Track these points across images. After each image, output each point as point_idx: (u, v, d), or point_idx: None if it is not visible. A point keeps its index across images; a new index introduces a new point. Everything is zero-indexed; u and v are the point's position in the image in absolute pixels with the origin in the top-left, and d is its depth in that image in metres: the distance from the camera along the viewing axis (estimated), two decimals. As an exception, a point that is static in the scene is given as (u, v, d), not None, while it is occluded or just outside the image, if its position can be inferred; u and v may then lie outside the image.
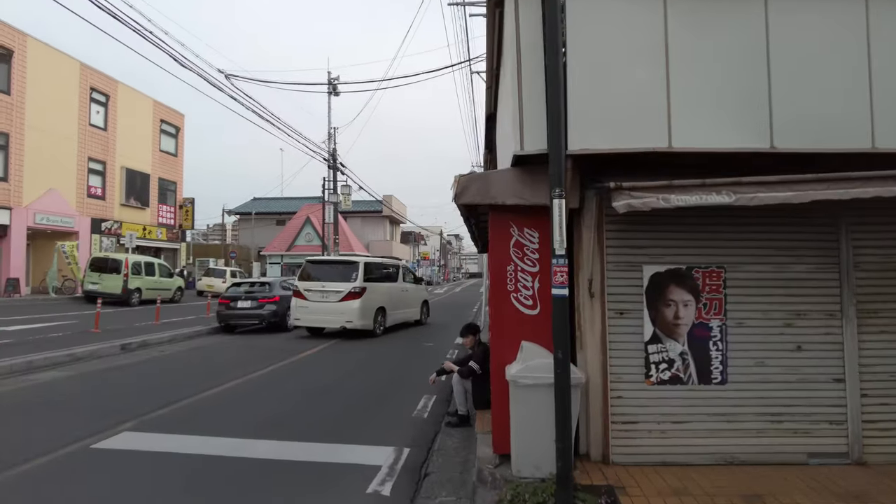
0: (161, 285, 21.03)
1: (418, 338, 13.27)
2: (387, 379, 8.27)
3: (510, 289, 4.33)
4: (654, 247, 4.35)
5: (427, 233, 66.40)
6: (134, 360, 9.62)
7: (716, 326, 4.33)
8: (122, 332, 12.37)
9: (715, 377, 4.30)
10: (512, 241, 4.35)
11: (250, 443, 5.02)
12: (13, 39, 20.59)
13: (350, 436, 5.33)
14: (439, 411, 6.39)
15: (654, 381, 4.30)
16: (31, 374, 8.27)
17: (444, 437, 5.38)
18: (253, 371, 8.61)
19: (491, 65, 5.75)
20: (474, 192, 4.10)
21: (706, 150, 3.89)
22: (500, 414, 4.31)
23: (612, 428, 4.26)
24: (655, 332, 4.32)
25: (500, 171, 4.14)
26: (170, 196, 29.76)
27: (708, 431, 4.26)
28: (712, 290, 4.35)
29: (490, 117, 7.64)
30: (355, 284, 12.64)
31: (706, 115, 3.92)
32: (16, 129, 20.59)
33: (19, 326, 12.67)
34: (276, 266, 36.27)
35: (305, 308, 12.91)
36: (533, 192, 4.09)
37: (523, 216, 4.32)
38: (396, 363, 9.77)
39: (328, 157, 25.62)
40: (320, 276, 13.21)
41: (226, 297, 14.26)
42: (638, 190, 3.86)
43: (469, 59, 16.21)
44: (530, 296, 4.33)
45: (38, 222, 21.27)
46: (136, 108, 27.19)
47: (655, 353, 4.31)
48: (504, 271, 4.35)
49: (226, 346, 11.80)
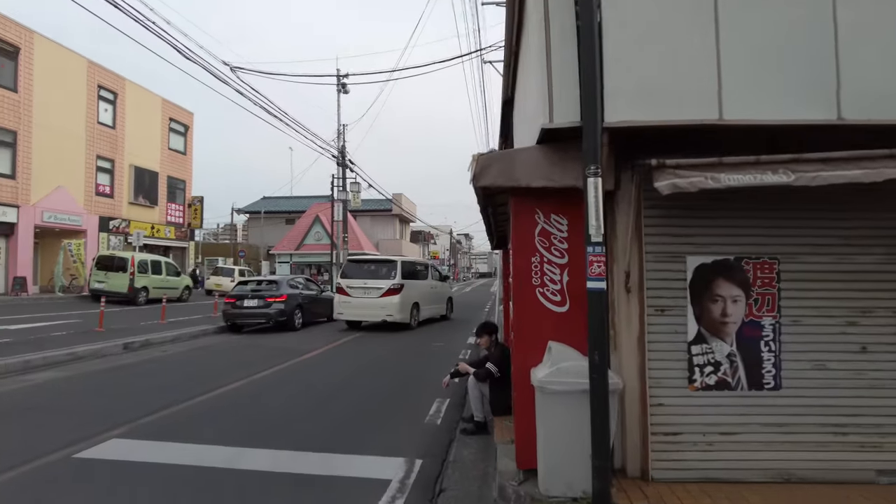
0: (168, 284, 20.76)
1: (427, 337, 12.82)
2: (395, 381, 7.82)
3: (535, 283, 3.86)
4: (698, 235, 3.86)
5: (437, 232, 65.97)
6: (135, 360, 9.26)
7: (768, 325, 3.82)
8: (126, 331, 12.04)
9: (767, 382, 3.80)
10: (537, 230, 3.88)
11: (248, 452, 4.59)
12: (20, 36, 20.41)
13: (357, 444, 4.88)
14: (453, 416, 5.92)
15: (698, 386, 3.80)
16: (27, 374, 7.93)
17: (460, 447, 4.92)
18: (257, 372, 8.20)
19: (510, 40, 5.27)
20: (495, 174, 3.63)
21: (762, 122, 3.39)
22: (524, 423, 3.84)
23: (651, 440, 3.77)
24: (700, 331, 3.82)
25: (525, 150, 3.67)
26: (179, 195, 29.55)
27: (761, 444, 3.76)
28: (764, 283, 3.84)
29: (507, 102, 7.16)
30: (394, 282, 13.71)
31: (761, 82, 3.42)
32: (23, 127, 20.41)
33: (22, 325, 12.39)
34: (285, 265, 35.97)
35: (348, 303, 13.94)
36: (562, 172, 3.61)
37: (550, 201, 3.84)
38: (405, 364, 9.32)
39: (337, 154, 25.27)
40: (361, 275, 14.14)
41: (232, 296, 13.89)
42: (683, 168, 3.37)
43: (480, 49, 15.56)
44: (558, 290, 3.85)
45: (45, 220, 21.09)
46: (145, 106, 26.99)
47: (700, 354, 3.81)
48: (528, 264, 3.88)
49: (231, 345, 11.42)
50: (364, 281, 13.87)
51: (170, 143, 28.79)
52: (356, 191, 26.12)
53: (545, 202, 3.85)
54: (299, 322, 14.17)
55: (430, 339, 12.63)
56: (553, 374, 3.43)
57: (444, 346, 11.39)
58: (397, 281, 13.77)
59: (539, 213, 3.87)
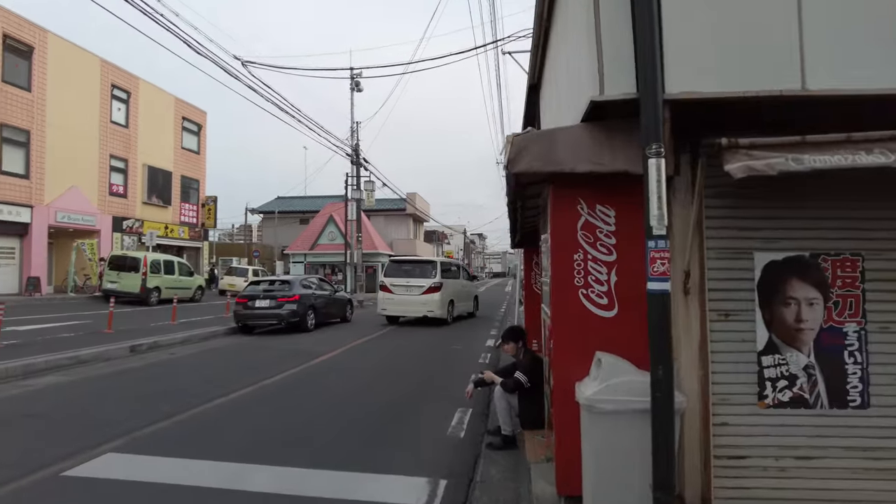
0: (181, 284, 20.53)
1: (443, 339, 12.34)
2: (413, 387, 7.35)
3: (578, 283, 3.35)
4: (767, 228, 3.33)
5: (451, 231, 65.49)
6: (142, 364, 8.90)
7: (852, 332, 3.28)
8: (136, 332, 11.72)
9: (853, 399, 3.25)
10: (580, 222, 3.37)
11: (252, 470, 4.15)
12: (34, 35, 20.32)
13: (373, 461, 4.42)
14: (477, 429, 5.44)
15: (769, 402, 3.27)
16: (28, 378, 7.59)
17: (487, 464, 4.43)
18: (267, 376, 7.79)
19: (541, 14, 4.76)
20: (533, 157, 3.13)
21: (857, 91, 2.85)
22: (566, 444, 3.34)
23: (714, 464, 3.25)
24: (771, 338, 3.29)
25: (567, 129, 3.17)
26: (192, 194, 29.40)
27: (843, 470, 3.22)
28: (846, 284, 3.30)
29: (532, 88, 6.64)
30: (435, 280, 14.86)
31: (851, 45, 2.88)
32: (37, 127, 20.30)
33: (32, 326, 12.13)
34: (299, 265, 35.73)
35: (391, 300, 15.08)
36: (611, 154, 3.11)
37: (595, 189, 3.34)
38: (423, 368, 8.84)
39: (351, 152, 24.91)
40: (404, 274, 15.25)
41: (243, 297, 13.53)
42: (759, 148, 2.85)
43: (496, 41, 15.21)
44: (605, 292, 3.34)
45: (59, 221, 20.97)
46: (158, 105, 26.85)
47: (772, 366, 3.28)
48: (570, 261, 3.37)
49: (242, 347, 11.04)
50: (407, 280, 14.97)
51: (183, 143, 28.65)
52: (370, 189, 25.75)
53: (589, 190, 3.35)
54: (312, 323, 13.78)
55: (447, 340, 12.15)
56: (604, 392, 2.92)
57: (463, 349, 10.90)
58: (437, 280, 14.89)
59: (582, 204, 3.36)
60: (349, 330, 14.23)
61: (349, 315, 16.52)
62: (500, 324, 16.05)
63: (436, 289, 14.77)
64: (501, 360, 9.45)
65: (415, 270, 15.30)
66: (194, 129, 29.76)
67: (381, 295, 15.37)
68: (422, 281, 14.85)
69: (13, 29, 19.49)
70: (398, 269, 15.56)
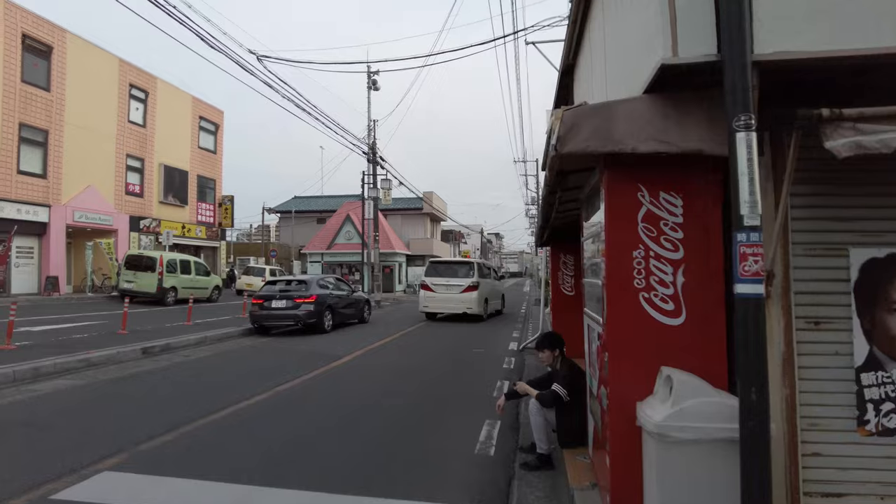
0: (197, 284, 20.34)
1: (464, 341, 11.86)
2: (436, 395, 6.87)
3: (638, 285, 2.84)
4: (867, 218, 2.80)
5: (468, 231, 64.94)
6: (153, 367, 8.56)
7: (970, 344, 2.73)
8: (150, 333, 11.44)
9: (973, 425, 2.70)
10: (641, 213, 2.86)
11: (260, 493, 3.71)
12: (53, 35, 20.29)
13: (394, 482, 3.96)
14: (508, 445, 4.95)
15: (872, 429, 2.73)
16: (35, 382, 7.29)
17: (523, 488, 3.95)
18: (282, 382, 7.38)
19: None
20: (588, 135, 2.63)
21: None
22: (622, 472, 2.84)
23: (804, 501, 2.72)
24: (873, 352, 2.75)
25: (628, 102, 2.67)
26: (209, 194, 29.31)
27: (963, 512, 2.67)
28: (962, 286, 2.75)
29: (566, 72, 6.11)
30: (473, 280, 16.09)
31: None
32: (55, 126, 20.27)
33: (47, 327, 11.94)
34: (316, 264, 35.54)
35: (433, 297, 16.23)
36: (682, 131, 2.60)
37: (659, 173, 2.83)
38: (444, 374, 8.37)
39: (367, 150, 24.56)
40: (444, 273, 16.46)
41: (259, 297, 13.18)
42: (869, 120, 2.33)
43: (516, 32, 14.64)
44: (670, 296, 2.83)
45: (77, 220, 20.92)
46: (175, 104, 26.78)
47: (874, 385, 2.74)
48: (628, 260, 2.86)
49: (257, 350, 10.67)
50: (447, 279, 16.18)
51: (200, 142, 28.56)
52: (387, 188, 25.36)
53: (651, 175, 2.84)
54: (329, 324, 13.40)
55: (469, 342, 11.67)
56: (678, 417, 2.42)
57: (486, 353, 10.41)
58: (475, 279, 16.15)
59: (643, 191, 2.85)
60: (367, 331, 13.83)
61: (367, 316, 16.13)
62: (522, 326, 15.53)
63: (473, 287, 15.97)
64: (527, 365, 8.95)
65: (454, 271, 16.52)
66: (211, 129, 29.67)
67: (423, 293, 16.51)
68: (461, 280, 16.06)
69: (32, 29, 19.47)
70: (439, 270, 16.76)
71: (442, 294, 16.13)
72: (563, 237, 8.54)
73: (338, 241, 35.38)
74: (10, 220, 18.26)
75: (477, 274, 16.33)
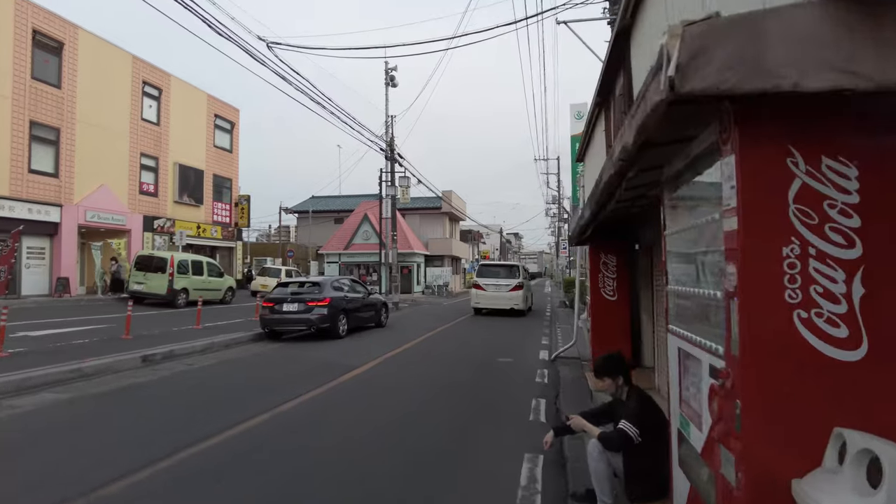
0: (210, 285, 19.70)
1: (491, 349, 10.90)
2: (464, 419, 5.91)
3: (792, 299, 1.87)
4: None
5: (487, 231, 63.89)
6: (150, 378, 7.78)
7: None
8: (155, 338, 10.72)
9: None
10: (793, 190, 1.90)
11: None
12: (64, 31, 19.84)
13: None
14: (556, 488, 3.99)
15: None
16: (20, 396, 6.56)
17: (586, 559, 2.99)
18: (289, 398, 6.52)
19: None
20: (724, 63, 1.68)
21: None
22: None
23: None
24: None
25: (788, 10, 1.72)
26: (225, 193, 28.78)
27: None
28: None
29: (622, 33, 5.10)
30: (518, 280, 18.68)
31: None
32: (66, 124, 19.82)
33: (47, 331, 11.27)
34: (333, 265, 34.85)
35: (484, 295, 18.56)
36: (881, 56, 1.63)
37: (822, 129, 1.86)
38: (471, 390, 7.42)
39: (385, 147, 23.74)
40: (492, 275, 18.99)
41: (270, 300, 12.38)
42: None
43: (541, 13, 13.92)
44: (842, 315, 1.85)
45: (89, 220, 20.45)
46: (190, 102, 26.27)
47: None
48: (773, 259, 1.90)
49: (265, 358, 9.86)
50: (496, 280, 18.65)
51: (215, 141, 28.03)
52: (405, 185, 24.51)
53: (809, 132, 1.87)
54: (344, 329, 12.56)
55: (493, 351, 10.72)
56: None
57: (513, 362, 9.45)
58: (521, 280, 18.79)
59: (796, 156, 1.89)
60: (385, 336, 12.97)
61: (384, 320, 15.26)
62: (550, 331, 14.52)
63: (519, 287, 18.40)
64: (562, 378, 7.97)
65: (502, 272, 19.18)
66: (227, 127, 29.15)
67: (474, 292, 18.93)
68: (509, 280, 18.53)
69: (43, 24, 19.02)
70: (488, 271, 19.42)
71: (492, 293, 18.36)
72: (605, 234, 7.55)
73: (355, 241, 34.65)
74: (19, 220, 17.79)
75: (522, 274, 19.03)
